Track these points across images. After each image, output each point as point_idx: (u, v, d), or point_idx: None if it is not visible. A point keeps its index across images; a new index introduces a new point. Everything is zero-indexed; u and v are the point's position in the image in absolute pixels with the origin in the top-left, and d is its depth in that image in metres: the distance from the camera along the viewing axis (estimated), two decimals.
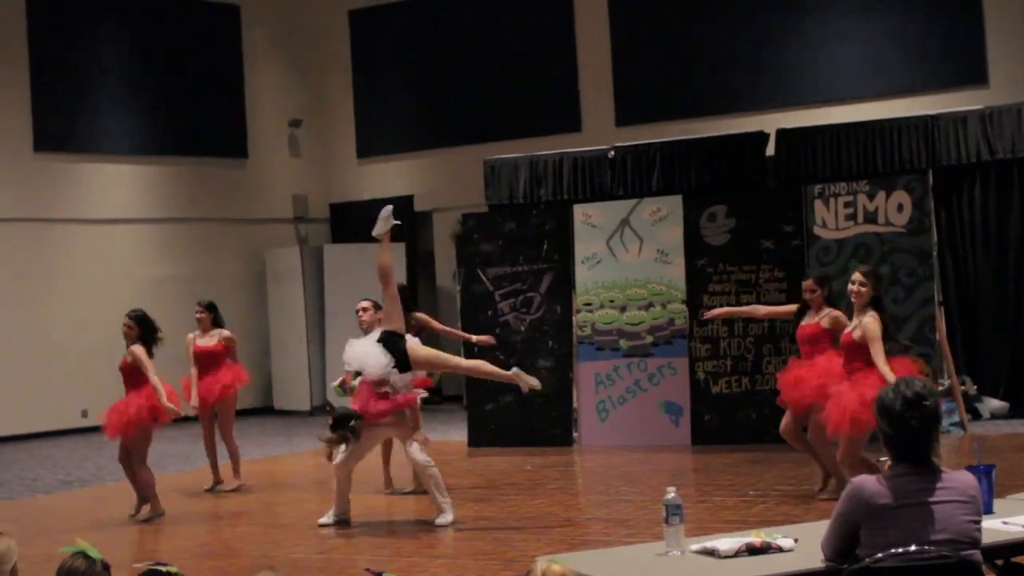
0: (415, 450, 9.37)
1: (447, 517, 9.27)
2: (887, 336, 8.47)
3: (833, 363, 8.99)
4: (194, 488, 11.80)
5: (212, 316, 11.75)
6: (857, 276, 8.61)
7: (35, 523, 10.41)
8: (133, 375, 10.23)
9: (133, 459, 10.32)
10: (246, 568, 7.98)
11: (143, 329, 10.27)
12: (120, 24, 19.25)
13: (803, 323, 9.51)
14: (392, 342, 9.20)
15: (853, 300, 8.61)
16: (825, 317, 9.37)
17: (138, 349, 10.17)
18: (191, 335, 11.77)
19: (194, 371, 11.61)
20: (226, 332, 11.82)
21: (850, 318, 8.83)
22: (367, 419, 9.21)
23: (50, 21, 18.28)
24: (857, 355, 8.48)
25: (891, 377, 7.74)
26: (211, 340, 11.68)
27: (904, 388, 4.28)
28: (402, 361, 9.17)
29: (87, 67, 18.75)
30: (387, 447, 10.98)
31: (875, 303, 8.55)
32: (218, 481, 11.71)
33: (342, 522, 9.49)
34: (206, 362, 11.62)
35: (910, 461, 4.26)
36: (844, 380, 8.58)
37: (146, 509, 10.36)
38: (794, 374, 9.46)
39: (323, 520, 9.53)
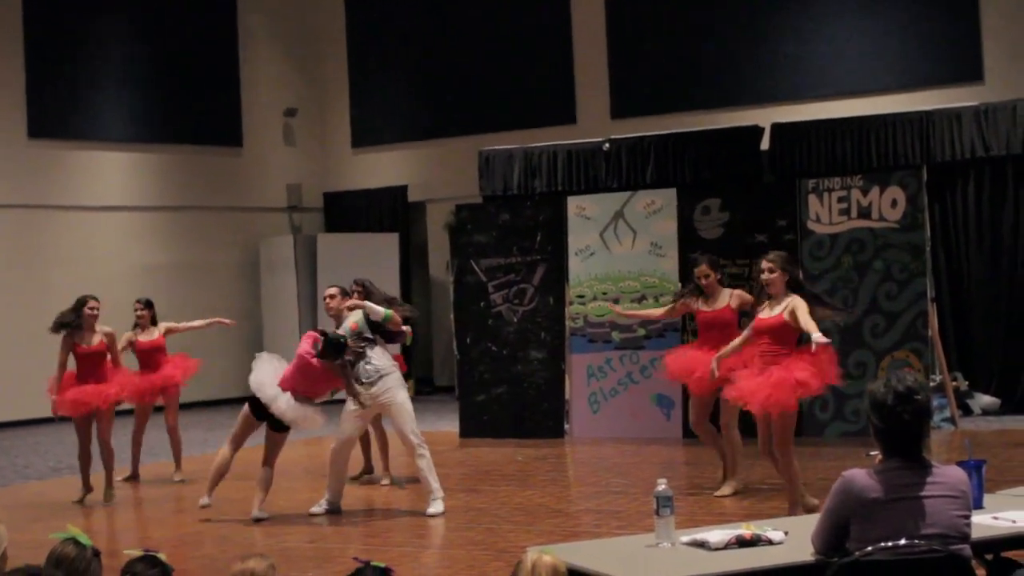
0: (409, 430, 9.32)
1: (438, 507, 9.26)
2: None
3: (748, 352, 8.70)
4: (188, 476, 11.73)
5: (151, 313, 11.87)
6: (766, 263, 8.31)
7: (26, 509, 10.41)
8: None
9: (104, 436, 10.60)
10: (236, 557, 7.94)
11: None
12: (116, 11, 19.21)
13: (707, 309, 9.75)
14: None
15: (770, 288, 8.29)
16: (734, 298, 9.65)
17: (113, 333, 10.67)
18: (129, 333, 11.81)
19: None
20: (168, 324, 11.98)
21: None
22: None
23: (45, 8, 18.24)
24: (785, 338, 8.27)
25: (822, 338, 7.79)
26: (151, 336, 11.79)
27: (896, 382, 4.27)
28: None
29: (82, 54, 18.71)
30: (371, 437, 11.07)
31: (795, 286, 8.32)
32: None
33: (333, 511, 9.50)
34: (149, 358, 11.75)
35: (901, 455, 4.26)
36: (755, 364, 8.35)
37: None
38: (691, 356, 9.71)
39: (314, 509, 9.54)
